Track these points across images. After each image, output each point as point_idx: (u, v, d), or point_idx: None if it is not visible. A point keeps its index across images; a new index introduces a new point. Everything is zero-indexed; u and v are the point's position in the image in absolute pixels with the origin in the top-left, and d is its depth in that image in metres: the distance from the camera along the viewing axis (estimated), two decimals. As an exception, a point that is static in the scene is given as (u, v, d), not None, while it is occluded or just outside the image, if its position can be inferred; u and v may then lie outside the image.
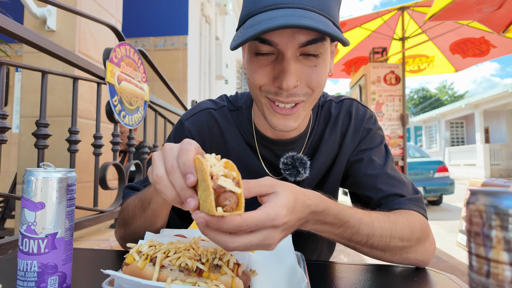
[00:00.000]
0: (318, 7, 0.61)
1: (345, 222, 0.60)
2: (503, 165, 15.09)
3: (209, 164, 0.46)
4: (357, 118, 0.85)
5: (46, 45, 1.14)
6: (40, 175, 0.57)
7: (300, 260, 0.67)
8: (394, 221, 0.67)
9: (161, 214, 0.70)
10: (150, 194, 0.67)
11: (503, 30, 3.08)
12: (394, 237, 0.66)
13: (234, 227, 0.44)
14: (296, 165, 0.81)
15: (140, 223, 0.72)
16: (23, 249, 0.57)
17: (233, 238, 0.46)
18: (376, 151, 0.84)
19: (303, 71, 0.67)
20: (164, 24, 3.94)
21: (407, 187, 0.80)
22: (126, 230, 0.77)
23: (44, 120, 1.18)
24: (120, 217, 0.80)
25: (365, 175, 0.80)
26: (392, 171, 0.81)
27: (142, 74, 1.81)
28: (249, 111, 0.86)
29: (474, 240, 0.28)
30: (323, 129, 0.86)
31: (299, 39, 0.63)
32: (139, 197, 0.73)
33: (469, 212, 0.29)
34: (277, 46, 0.64)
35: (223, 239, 0.46)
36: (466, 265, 3.37)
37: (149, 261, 0.55)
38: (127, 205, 0.78)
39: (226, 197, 0.44)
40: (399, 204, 0.76)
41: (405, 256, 0.70)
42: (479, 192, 0.28)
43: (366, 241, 0.64)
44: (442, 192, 6.89)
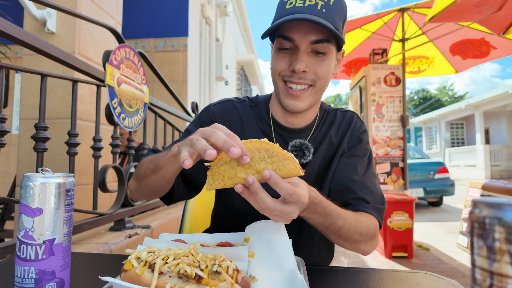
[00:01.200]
0: (325, 16, 0.83)
1: (328, 214, 0.76)
2: (503, 166, 15.07)
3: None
4: (354, 128, 1.04)
5: (45, 48, 1.14)
6: (38, 181, 0.57)
7: (300, 266, 0.67)
8: (359, 220, 0.85)
9: (168, 180, 0.82)
10: (164, 162, 0.77)
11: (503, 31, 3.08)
12: (356, 232, 0.83)
13: (288, 191, 0.59)
14: (303, 148, 0.98)
15: (150, 182, 0.85)
16: (20, 255, 0.56)
17: (275, 202, 0.60)
18: (361, 161, 1.00)
19: (311, 62, 0.88)
20: (164, 25, 3.94)
21: (375, 197, 0.95)
22: (137, 183, 0.92)
23: (43, 123, 1.17)
24: (135, 172, 0.94)
25: (347, 177, 0.96)
26: (368, 182, 0.97)
27: (142, 76, 1.81)
28: (267, 104, 1.05)
29: (477, 253, 0.27)
30: (327, 129, 1.03)
31: (310, 37, 0.85)
32: (154, 160, 0.84)
33: (472, 223, 0.28)
34: (294, 41, 0.86)
35: (268, 201, 0.60)
36: (467, 267, 3.36)
37: (148, 268, 0.55)
38: (144, 162, 0.91)
39: None
40: (364, 208, 0.92)
41: (357, 246, 0.88)
42: (482, 204, 0.28)
43: (337, 231, 0.81)
44: (443, 193, 6.87)
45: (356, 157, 1.00)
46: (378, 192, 0.98)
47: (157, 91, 3.37)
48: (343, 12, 0.89)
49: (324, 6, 0.84)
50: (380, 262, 3.53)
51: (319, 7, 0.84)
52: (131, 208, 1.80)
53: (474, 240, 0.28)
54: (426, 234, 4.82)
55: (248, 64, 9.89)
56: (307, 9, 0.83)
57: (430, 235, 4.80)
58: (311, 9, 0.83)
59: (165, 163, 0.77)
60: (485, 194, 2.83)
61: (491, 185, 2.75)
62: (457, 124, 21.29)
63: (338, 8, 0.87)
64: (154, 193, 0.90)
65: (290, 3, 0.87)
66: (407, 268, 3.29)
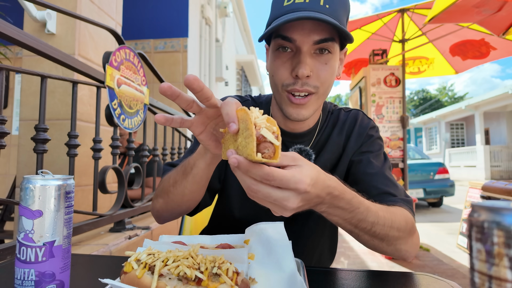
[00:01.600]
0: (329, 13, 0.75)
1: (356, 208, 0.63)
2: (503, 166, 15.07)
3: (254, 115, 0.50)
4: (361, 125, 0.96)
5: (45, 50, 1.14)
6: (38, 183, 0.57)
7: (300, 267, 0.67)
8: (393, 213, 0.72)
9: (200, 181, 0.75)
10: (194, 158, 0.72)
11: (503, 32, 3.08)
12: (393, 227, 0.70)
13: (261, 175, 0.48)
14: (302, 155, 0.91)
15: (180, 190, 0.77)
16: (20, 258, 0.56)
17: (257, 183, 0.50)
18: (375, 155, 0.92)
19: (315, 66, 0.80)
20: (164, 26, 3.94)
21: (400, 190, 0.87)
22: (165, 199, 0.81)
23: (43, 125, 1.17)
24: (159, 188, 0.85)
25: (364, 173, 0.88)
26: (388, 174, 0.89)
27: (142, 77, 1.81)
28: (268, 106, 0.99)
29: (476, 256, 0.28)
30: (331, 131, 0.97)
31: (313, 37, 0.77)
32: (182, 164, 0.78)
33: (470, 227, 0.28)
34: (295, 42, 0.78)
35: (248, 181, 0.50)
36: (467, 268, 3.35)
37: (148, 270, 0.55)
38: (168, 176, 0.82)
39: (265, 146, 0.48)
40: (392, 202, 0.81)
41: (398, 247, 0.75)
42: (481, 208, 0.28)
43: (370, 229, 0.67)
44: (443, 194, 6.87)
45: (369, 153, 0.92)
46: (400, 186, 0.89)
47: (157, 92, 3.36)
48: (346, 7, 0.82)
49: (328, 1, 0.76)
50: (380, 263, 3.53)
51: (322, 2, 0.75)
52: (131, 209, 1.80)
53: (473, 244, 0.28)
54: (426, 235, 4.82)
55: (248, 64, 9.89)
56: (309, 6, 0.75)
57: (430, 235, 4.80)
58: (313, 5, 0.75)
59: (196, 158, 0.71)
60: (485, 195, 2.83)
61: (491, 186, 2.75)
62: (457, 125, 21.29)
63: (342, 2, 0.79)
64: (184, 204, 0.80)
65: (288, 0, 0.78)
66: (407, 269, 3.29)
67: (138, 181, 1.87)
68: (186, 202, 0.80)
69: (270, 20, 0.82)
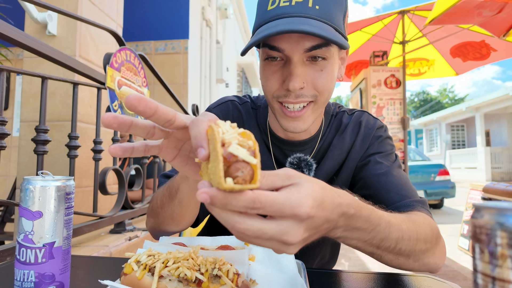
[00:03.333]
0: (319, 15, 0.66)
1: (376, 226, 0.51)
2: (504, 168, 15.04)
3: (221, 130, 0.39)
4: (367, 127, 0.89)
5: (46, 51, 1.14)
6: (38, 184, 0.57)
7: (300, 269, 0.66)
8: (416, 222, 0.63)
9: (188, 206, 0.67)
10: (177, 181, 0.64)
11: (503, 34, 3.08)
12: (420, 239, 0.61)
13: (244, 204, 0.36)
14: (302, 166, 0.85)
15: (168, 213, 0.70)
16: (20, 259, 0.56)
17: (242, 217, 0.37)
18: (383, 156, 0.85)
19: (309, 74, 0.72)
20: (165, 28, 3.95)
21: (413, 191, 0.80)
22: (155, 220, 0.75)
23: (44, 126, 1.17)
24: (150, 207, 0.78)
25: (373, 175, 0.81)
26: (399, 174, 0.82)
27: (143, 79, 1.81)
28: (266, 111, 0.92)
29: (479, 258, 0.27)
30: (333, 136, 0.89)
31: (304, 45, 0.68)
32: (167, 185, 0.70)
33: (473, 228, 0.28)
34: (284, 52, 0.70)
35: (230, 218, 0.37)
36: (468, 269, 3.34)
37: (148, 271, 0.55)
38: (157, 194, 0.75)
39: (238, 168, 0.36)
40: (408, 206, 0.74)
41: (426, 261, 0.66)
42: (484, 208, 0.27)
43: (394, 246, 0.56)
44: (443, 196, 6.86)
45: (377, 154, 0.85)
46: (413, 186, 0.83)
47: (158, 93, 3.37)
48: (342, 3, 0.71)
49: (317, 1, 0.66)
50: (381, 265, 3.52)
51: (310, 3, 0.66)
52: (132, 210, 1.79)
53: (476, 245, 0.28)
54: (427, 237, 4.80)
55: (249, 66, 9.90)
56: (295, 9, 0.66)
57: (431, 237, 4.79)
58: (300, 8, 0.66)
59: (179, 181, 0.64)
60: (486, 196, 2.83)
61: (492, 188, 2.75)
62: (457, 126, 21.28)
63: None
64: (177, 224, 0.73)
65: (272, 2, 0.69)
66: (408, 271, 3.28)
67: (138, 183, 1.87)
68: (177, 223, 0.73)
69: (255, 27, 0.74)
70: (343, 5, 0.72)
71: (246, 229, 0.37)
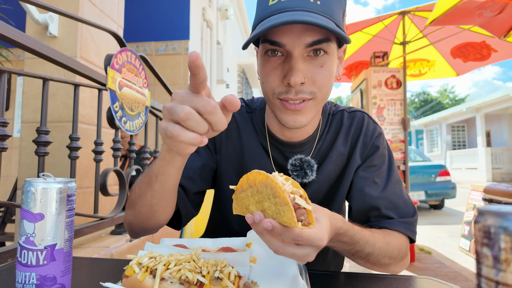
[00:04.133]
0: (321, 10, 0.67)
1: (356, 242, 0.69)
2: (505, 168, 15.03)
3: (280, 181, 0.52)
4: (366, 134, 0.89)
5: (47, 52, 1.14)
6: (40, 186, 0.57)
7: (302, 271, 0.66)
8: (389, 243, 0.77)
9: (170, 188, 0.69)
10: (158, 166, 0.65)
11: (504, 34, 3.08)
12: (386, 256, 0.76)
13: (292, 237, 0.50)
14: (304, 167, 0.85)
15: (145, 202, 0.70)
16: (21, 261, 0.56)
17: (284, 245, 0.52)
18: (380, 171, 0.88)
19: (309, 70, 0.72)
20: (166, 29, 3.95)
21: (401, 211, 0.85)
22: (132, 211, 0.75)
23: (45, 127, 1.17)
24: (130, 198, 0.78)
25: (367, 195, 0.85)
26: (392, 195, 0.85)
27: (144, 80, 1.81)
28: (263, 113, 0.91)
29: (483, 262, 0.27)
30: (333, 137, 0.89)
31: (305, 40, 0.69)
32: (146, 175, 0.71)
33: (477, 232, 0.28)
34: (285, 47, 0.70)
35: (276, 244, 0.52)
36: (469, 270, 3.34)
37: (149, 274, 0.55)
38: (135, 183, 0.76)
39: (301, 213, 0.51)
40: (389, 225, 0.83)
41: (387, 269, 0.81)
42: (487, 212, 0.27)
43: (365, 257, 0.74)
44: (444, 196, 6.85)
45: (373, 167, 0.87)
46: (406, 202, 0.86)
47: (159, 94, 3.37)
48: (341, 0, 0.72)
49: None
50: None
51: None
52: (132, 211, 1.79)
53: (479, 249, 0.28)
54: (428, 238, 4.80)
55: (249, 67, 9.91)
56: (297, 3, 0.66)
57: (431, 238, 4.78)
58: (302, 2, 0.66)
59: (160, 166, 0.65)
60: (487, 197, 2.82)
61: (493, 189, 2.74)
62: (458, 127, 21.27)
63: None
64: (155, 216, 0.73)
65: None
66: (409, 272, 3.27)
67: (139, 184, 1.87)
68: (156, 214, 0.73)
69: (256, 22, 0.73)
70: (343, 3, 0.73)
71: (284, 253, 0.52)
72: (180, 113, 0.49)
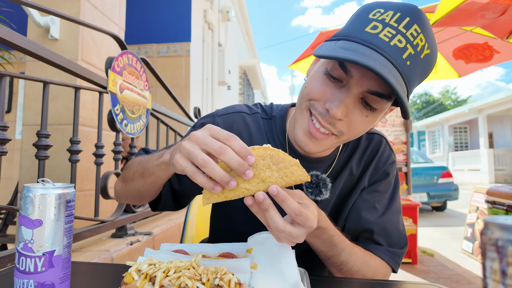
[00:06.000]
0: (405, 72, 0.63)
1: (334, 245, 0.71)
2: (507, 170, 14.95)
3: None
4: (380, 159, 0.88)
5: (47, 56, 1.14)
6: (38, 192, 0.56)
7: (303, 277, 0.65)
8: (366, 262, 0.78)
9: (157, 187, 0.77)
10: (154, 168, 0.70)
11: (506, 35, 3.06)
12: (359, 272, 0.77)
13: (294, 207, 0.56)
14: (320, 185, 0.83)
15: (136, 186, 0.78)
16: (19, 268, 0.55)
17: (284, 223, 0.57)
18: (382, 198, 0.87)
19: (354, 113, 0.69)
20: (167, 31, 3.95)
21: (392, 240, 0.85)
22: (123, 186, 0.85)
23: (45, 131, 1.17)
24: (124, 172, 0.86)
25: (364, 218, 0.85)
26: (388, 222, 0.85)
27: (145, 82, 1.81)
28: (283, 121, 0.88)
29: (489, 276, 0.26)
30: (349, 156, 0.88)
31: (371, 85, 0.65)
32: (142, 164, 0.76)
33: (484, 245, 0.27)
34: (350, 77, 0.66)
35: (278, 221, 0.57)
36: (472, 273, 3.31)
37: (148, 281, 0.54)
38: (133, 164, 0.83)
39: None
40: (374, 250, 0.83)
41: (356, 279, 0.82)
42: (494, 225, 0.26)
43: (339, 265, 0.75)
44: (446, 198, 6.82)
45: (377, 193, 0.87)
46: (399, 233, 0.86)
47: (160, 96, 3.37)
48: (427, 71, 0.68)
49: (412, 57, 0.63)
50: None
51: (405, 55, 0.62)
52: (133, 214, 1.79)
53: (487, 263, 0.27)
54: (430, 240, 4.77)
55: (251, 68, 9.91)
56: (389, 51, 0.62)
57: (434, 240, 4.76)
58: (394, 53, 0.62)
59: (155, 170, 0.69)
60: (490, 199, 2.81)
61: (496, 191, 2.72)
62: (460, 128, 21.19)
63: (426, 65, 0.66)
64: (140, 197, 0.82)
65: (374, 27, 0.64)
66: (412, 275, 3.25)
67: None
68: (141, 196, 0.81)
69: (343, 34, 0.67)
70: (427, 74, 0.69)
71: (283, 229, 0.57)
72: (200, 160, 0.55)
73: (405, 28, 0.62)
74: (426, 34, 0.64)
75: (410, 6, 0.65)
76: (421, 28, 0.63)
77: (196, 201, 1.32)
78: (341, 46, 0.64)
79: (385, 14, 0.64)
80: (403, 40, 0.62)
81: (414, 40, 0.63)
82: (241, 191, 0.58)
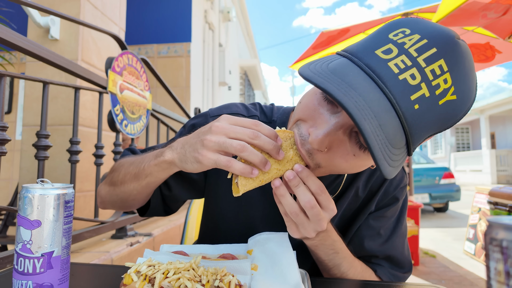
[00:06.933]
0: (408, 119, 0.49)
1: (336, 252, 0.68)
2: (509, 171, 14.91)
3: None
4: (392, 183, 0.79)
5: (47, 56, 1.14)
6: (37, 192, 0.56)
7: (304, 279, 0.65)
8: (363, 277, 0.75)
9: (154, 187, 0.73)
10: (152, 169, 0.66)
11: (508, 36, 3.05)
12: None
13: (318, 185, 0.57)
14: None
15: (128, 190, 0.73)
16: (18, 269, 0.55)
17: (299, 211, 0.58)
18: (388, 223, 0.81)
19: (339, 148, 0.57)
20: (168, 31, 3.96)
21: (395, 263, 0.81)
22: (110, 191, 0.78)
23: (45, 131, 1.17)
24: (110, 175, 0.79)
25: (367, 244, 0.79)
26: (392, 248, 0.80)
27: (145, 83, 1.80)
28: (284, 126, 0.78)
29: (494, 278, 0.26)
30: (354, 176, 0.79)
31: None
32: (135, 165, 0.71)
33: (487, 246, 0.26)
34: (339, 107, 0.56)
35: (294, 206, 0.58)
36: (474, 274, 3.30)
37: (148, 282, 0.54)
38: (121, 165, 0.77)
39: None
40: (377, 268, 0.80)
41: None
42: (498, 225, 0.26)
43: (339, 277, 0.73)
44: (448, 199, 6.80)
45: (384, 218, 0.80)
46: (404, 258, 0.81)
47: (160, 96, 3.37)
48: (448, 122, 0.53)
49: (424, 101, 0.49)
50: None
51: (415, 96, 0.48)
52: (133, 215, 1.78)
53: (491, 264, 0.26)
54: (432, 241, 4.76)
55: (251, 69, 9.91)
56: (393, 86, 0.48)
57: (436, 241, 4.74)
58: (400, 90, 0.48)
59: (153, 170, 0.65)
60: (492, 200, 2.79)
61: (498, 191, 2.71)
62: (462, 129, 21.14)
63: (446, 114, 0.51)
64: (131, 202, 0.77)
65: (388, 50, 0.50)
66: (414, 276, 3.24)
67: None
68: (131, 201, 0.77)
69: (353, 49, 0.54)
70: (444, 128, 0.54)
71: (314, 205, 0.57)
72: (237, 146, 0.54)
73: (425, 62, 0.48)
74: (456, 75, 0.49)
75: (444, 34, 0.50)
76: (450, 66, 0.49)
77: (196, 203, 1.32)
78: (333, 68, 0.52)
79: (408, 37, 0.50)
80: (418, 76, 0.48)
81: (434, 80, 0.48)
82: (273, 173, 0.58)
